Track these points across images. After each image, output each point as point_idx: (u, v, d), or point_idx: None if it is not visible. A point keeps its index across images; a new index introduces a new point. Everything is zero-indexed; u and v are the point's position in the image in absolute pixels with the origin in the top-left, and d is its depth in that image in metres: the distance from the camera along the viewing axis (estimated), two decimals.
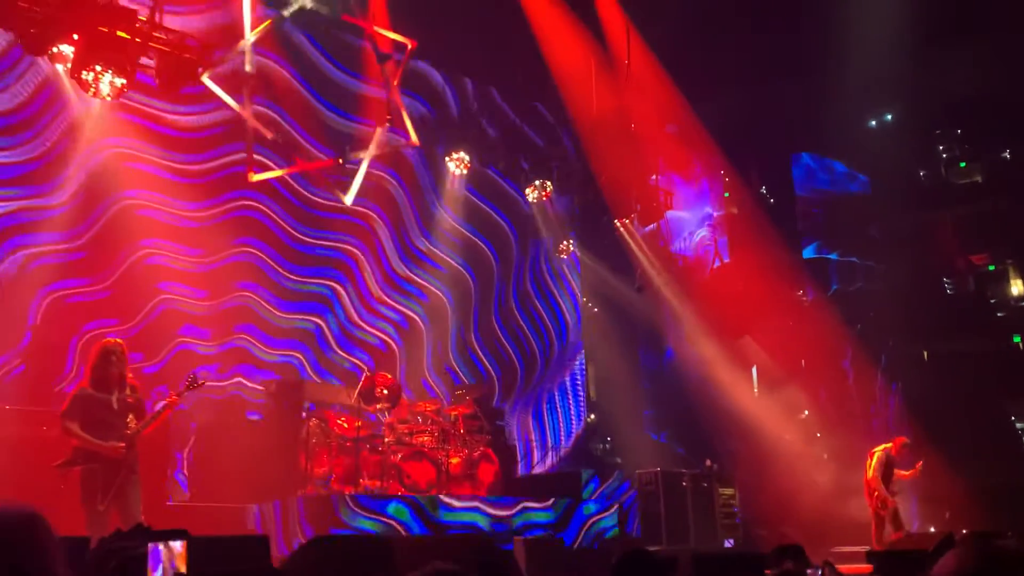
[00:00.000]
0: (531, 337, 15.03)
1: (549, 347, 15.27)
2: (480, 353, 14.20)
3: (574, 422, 15.45)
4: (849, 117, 17.23)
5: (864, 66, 14.76)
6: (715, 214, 16.87)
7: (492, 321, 14.51)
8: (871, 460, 10.57)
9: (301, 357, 11.97)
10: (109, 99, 8.82)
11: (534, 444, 14.50)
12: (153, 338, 10.39)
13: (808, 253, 18.00)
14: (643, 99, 13.75)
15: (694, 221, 16.79)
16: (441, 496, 9.59)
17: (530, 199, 14.18)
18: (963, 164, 18.53)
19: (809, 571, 2.93)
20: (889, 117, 18.66)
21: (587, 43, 13.47)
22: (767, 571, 3.25)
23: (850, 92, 15.95)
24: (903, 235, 17.62)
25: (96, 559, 2.08)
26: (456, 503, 9.57)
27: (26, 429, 7.95)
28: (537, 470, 14.15)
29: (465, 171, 13.36)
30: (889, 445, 10.63)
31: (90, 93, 8.53)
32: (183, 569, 2.27)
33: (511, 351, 14.67)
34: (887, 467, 10.43)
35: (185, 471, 10.20)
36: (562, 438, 15.18)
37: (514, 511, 9.95)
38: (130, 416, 6.68)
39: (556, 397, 15.29)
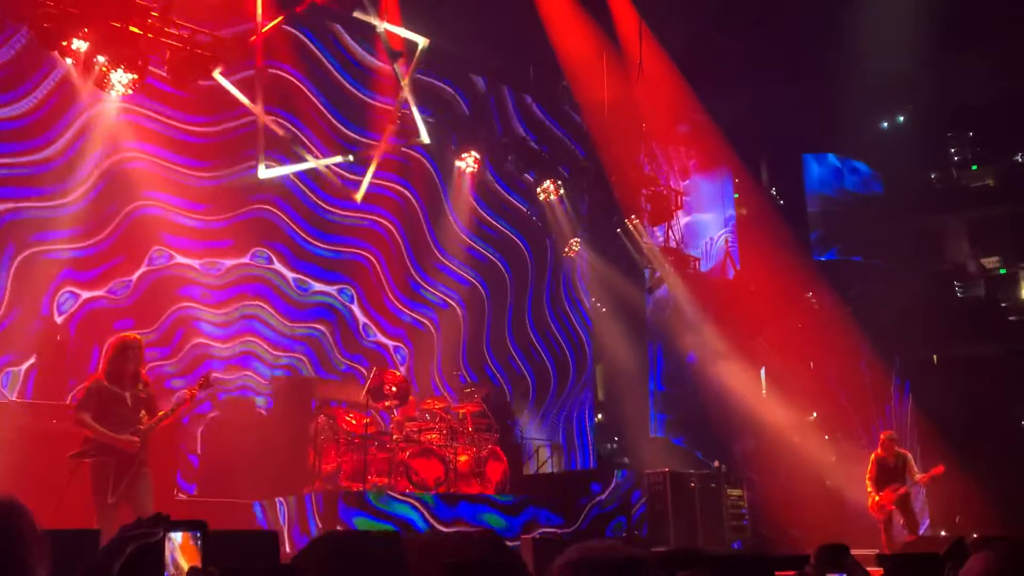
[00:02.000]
0: (544, 356, 15.01)
1: (564, 368, 15.25)
2: (493, 367, 14.18)
3: (587, 429, 15.43)
4: (861, 119, 17.16)
5: (877, 68, 14.70)
6: (732, 215, 16.83)
7: (505, 334, 14.49)
8: (868, 465, 10.53)
9: (314, 349, 12.02)
10: (119, 93, 8.85)
11: (543, 445, 14.47)
12: (166, 330, 10.50)
13: (820, 255, 17.93)
14: (655, 98, 13.72)
15: (718, 222, 16.73)
16: (450, 493, 9.61)
17: (541, 199, 14.15)
18: (975, 167, 18.44)
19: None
20: (901, 119, 18.58)
21: (599, 41, 13.44)
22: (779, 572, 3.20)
23: (862, 94, 15.88)
24: (914, 238, 17.54)
25: (114, 545, 2.06)
26: (465, 501, 9.59)
27: (35, 422, 7.97)
28: (545, 470, 14.13)
29: (476, 167, 13.32)
30: (878, 449, 10.55)
31: (105, 88, 8.56)
32: (184, 561, 2.25)
33: (523, 367, 14.65)
34: (878, 470, 10.35)
35: (195, 467, 10.23)
36: (574, 440, 15.16)
37: (522, 509, 9.96)
38: (142, 412, 6.69)
39: (573, 416, 15.26)
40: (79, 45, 8.53)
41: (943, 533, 12.93)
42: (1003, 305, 17.63)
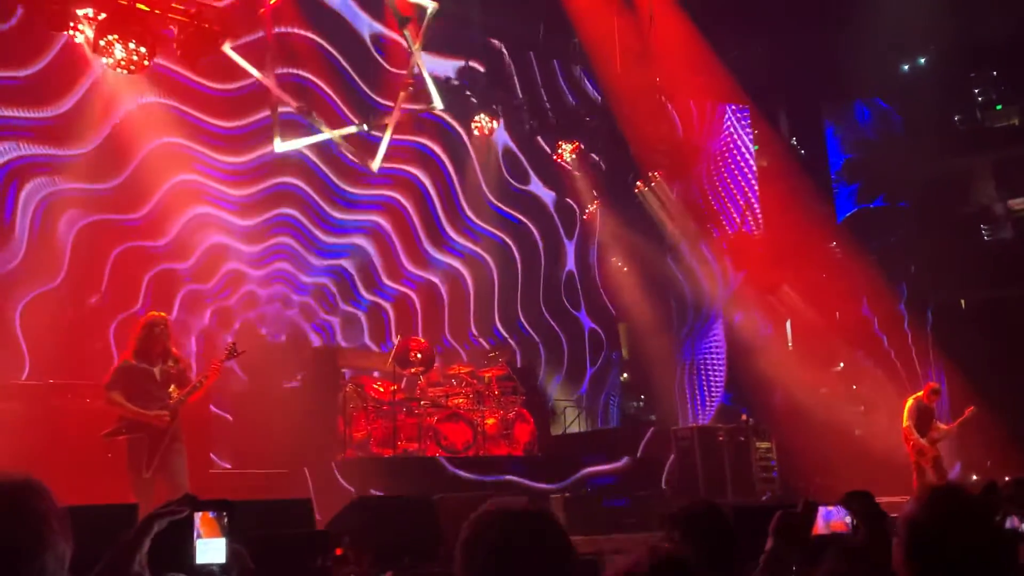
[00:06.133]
0: (569, 319, 15.08)
1: (588, 329, 15.28)
2: (519, 329, 14.26)
3: (613, 388, 15.52)
4: (881, 62, 16.82)
5: (897, 9, 14.37)
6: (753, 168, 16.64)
7: (535, 298, 14.55)
8: (904, 409, 10.52)
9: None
10: (125, 72, 8.79)
11: (569, 405, 14.53)
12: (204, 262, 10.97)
13: (843, 203, 17.71)
14: (669, 50, 13.48)
15: (739, 176, 16.56)
16: (479, 456, 9.71)
17: (559, 160, 14.06)
18: (999, 107, 18.02)
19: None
20: (922, 61, 18.17)
21: None
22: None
23: (883, 36, 15.52)
24: (938, 181, 17.23)
25: (143, 524, 2.16)
26: (495, 462, 9.69)
27: (69, 402, 8.11)
28: (572, 430, 14.20)
29: (492, 131, 13.25)
30: (920, 393, 10.59)
31: (113, 65, 8.54)
32: (208, 536, 2.34)
33: (550, 330, 14.70)
34: (919, 414, 10.36)
35: (228, 440, 10.38)
36: (600, 400, 15.24)
37: (549, 469, 10.05)
38: (172, 386, 6.79)
39: (599, 376, 15.35)
40: (86, 26, 8.50)
41: (974, 477, 12.89)
42: None
